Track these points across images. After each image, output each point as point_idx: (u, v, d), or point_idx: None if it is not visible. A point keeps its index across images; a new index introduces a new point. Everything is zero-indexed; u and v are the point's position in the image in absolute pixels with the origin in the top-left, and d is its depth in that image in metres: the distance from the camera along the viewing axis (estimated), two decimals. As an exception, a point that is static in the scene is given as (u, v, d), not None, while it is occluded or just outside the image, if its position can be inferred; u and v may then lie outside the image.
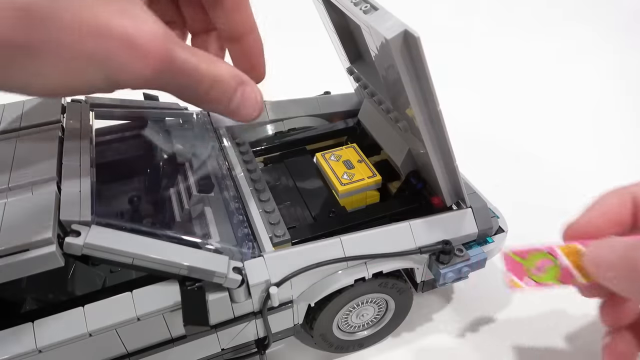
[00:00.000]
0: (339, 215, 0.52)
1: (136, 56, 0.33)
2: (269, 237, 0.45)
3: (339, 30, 0.55)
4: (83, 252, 0.36)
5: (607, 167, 0.80)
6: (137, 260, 0.38)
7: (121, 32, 0.32)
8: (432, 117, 0.41)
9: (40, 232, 0.35)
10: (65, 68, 0.32)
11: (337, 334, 0.51)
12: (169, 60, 0.35)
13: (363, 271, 0.45)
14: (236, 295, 0.41)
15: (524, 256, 0.43)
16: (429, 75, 0.38)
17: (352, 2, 0.40)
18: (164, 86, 0.37)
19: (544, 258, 0.42)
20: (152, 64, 0.34)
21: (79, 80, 0.33)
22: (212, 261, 0.40)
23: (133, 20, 0.33)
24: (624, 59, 1.09)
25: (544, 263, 0.42)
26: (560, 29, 1.21)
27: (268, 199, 0.50)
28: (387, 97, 0.52)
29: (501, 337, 0.56)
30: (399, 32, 0.35)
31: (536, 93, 0.99)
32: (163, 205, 0.50)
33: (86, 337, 0.38)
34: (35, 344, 0.37)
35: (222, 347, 0.46)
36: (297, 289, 0.44)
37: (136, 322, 0.39)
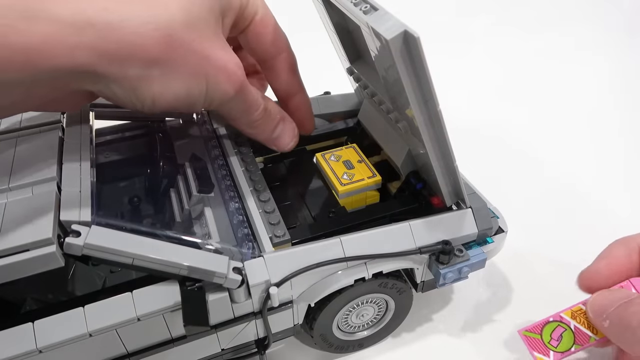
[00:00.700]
0: (339, 216, 0.52)
1: (227, 78, 0.44)
2: (269, 237, 0.45)
3: (338, 31, 0.55)
4: (83, 253, 0.37)
5: (608, 167, 0.80)
6: (137, 260, 0.38)
7: (221, 60, 0.43)
8: (432, 117, 0.41)
9: (41, 233, 0.35)
10: (184, 82, 0.41)
11: (337, 334, 0.51)
12: (244, 85, 0.46)
13: (363, 271, 0.45)
14: (236, 296, 0.41)
15: (538, 331, 0.46)
16: (429, 76, 0.38)
17: (352, 3, 0.40)
18: (233, 107, 0.48)
19: (557, 327, 0.46)
20: (235, 86, 0.45)
21: (189, 94, 0.42)
22: (212, 261, 0.40)
23: (227, 54, 0.44)
24: (625, 58, 1.09)
25: (558, 331, 0.45)
26: (561, 29, 1.21)
27: (268, 199, 0.50)
28: (387, 97, 0.52)
29: (501, 338, 0.56)
30: (398, 33, 0.35)
31: (536, 93, 0.99)
32: (163, 205, 0.50)
33: (86, 338, 0.38)
34: (35, 344, 0.37)
35: (222, 347, 0.46)
36: (297, 289, 0.44)
37: (136, 322, 0.39)
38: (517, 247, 0.63)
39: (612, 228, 0.69)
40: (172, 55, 0.39)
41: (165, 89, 0.40)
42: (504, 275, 0.63)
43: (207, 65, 0.42)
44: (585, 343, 0.45)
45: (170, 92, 0.41)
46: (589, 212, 0.72)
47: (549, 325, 0.46)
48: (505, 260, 0.62)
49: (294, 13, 1.20)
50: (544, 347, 0.45)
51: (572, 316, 0.46)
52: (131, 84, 0.39)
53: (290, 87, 0.56)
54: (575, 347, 0.45)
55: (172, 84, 0.41)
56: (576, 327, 0.45)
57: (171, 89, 0.41)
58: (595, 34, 1.18)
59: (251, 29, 0.50)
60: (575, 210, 0.72)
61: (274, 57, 0.53)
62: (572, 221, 0.70)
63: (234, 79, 0.44)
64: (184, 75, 0.41)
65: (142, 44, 0.37)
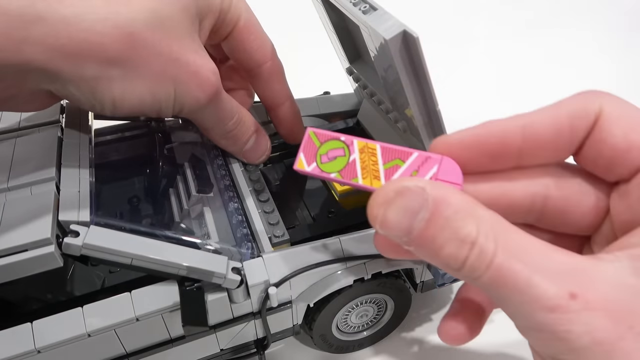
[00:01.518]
0: (338, 216, 0.52)
1: (199, 84, 0.42)
2: (268, 237, 0.45)
3: (338, 31, 0.55)
4: (82, 253, 0.37)
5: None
6: (136, 260, 0.38)
7: (193, 65, 0.41)
8: (431, 117, 0.41)
9: (39, 233, 0.35)
10: (149, 85, 0.39)
11: (337, 334, 0.51)
12: (217, 92, 0.44)
13: (362, 271, 0.45)
14: (235, 296, 0.41)
15: (322, 140, 0.38)
16: (428, 76, 0.38)
17: (351, 2, 0.40)
18: (205, 115, 0.46)
19: (339, 148, 0.37)
20: (207, 93, 0.43)
21: (155, 98, 0.40)
22: (211, 261, 0.40)
23: (201, 58, 0.42)
24: (625, 59, 1.09)
25: (336, 153, 0.37)
26: (561, 30, 1.21)
27: (267, 199, 0.50)
28: (387, 97, 0.52)
29: (500, 337, 0.56)
30: (398, 33, 0.35)
31: (536, 93, 0.99)
32: (162, 205, 0.50)
33: (85, 338, 0.38)
34: (34, 344, 0.37)
35: (221, 347, 0.46)
36: (296, 289, 0.44)
37: (135, 322, 0.39)
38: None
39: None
40: (134, 55, 0.37)
41: (126, 91, 0.38)
42: (503, 275, 0.63)
43: (175, 69, 0.40)
44: (347, 179, 0.37)
45: (133, 95, 0.39)
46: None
47: (334, 141, 0.38)
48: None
49: (293, 13, 1.20)
50: (314, 156, 0.38)
51: (361, 150, 0.37)
52: (89, 85, 0.37)
53: (277, 96, 0.54)
54: (336, 175, 0.37)
55: (134, 87, 0.39)
56: (353, 160, 0.37)
57: (134, 91, 0.39)
58: (596, 34, 1.18)
59: (234, 35, 0.48)
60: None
61: (259, 65, 0.51)
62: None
63: (207, 85, 0.42)
64: (148, 78, 0.39)
65: (99, 42, 0.35)
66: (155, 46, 0.38)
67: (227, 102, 0.47)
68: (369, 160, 0.36)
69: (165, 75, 0.39)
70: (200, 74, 0.41)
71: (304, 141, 0.38)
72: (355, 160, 0.37)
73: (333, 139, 0.37)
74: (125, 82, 0.38)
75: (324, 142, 0.38)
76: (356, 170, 0.36)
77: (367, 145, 0.36)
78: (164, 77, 0.39)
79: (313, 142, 0.38)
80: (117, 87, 0.38)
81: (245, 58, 0.51)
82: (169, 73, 0.39)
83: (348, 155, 0.37)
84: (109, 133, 0.56)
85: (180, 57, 0.40)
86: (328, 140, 0.38)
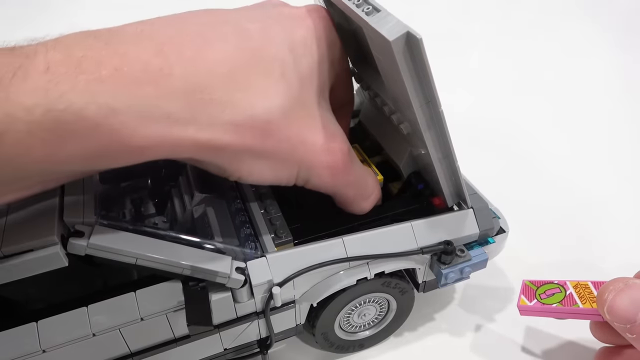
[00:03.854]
0: (341, 216, 0.52)
1: (327, 168, 0.42)
2: (272, 237, 0.45)
3: (340, 32, 0.55)
4: (87, 253, 0.37)
5: (608, 167, 0.81)
6: (141, 260, 0.38)
7: (319, 145, 0.41)
8: (434, 118, 0.42)
9: (44, 233, 0.35)
10: (273, 166, 0.40)
11: (339, 333, 0.51)
12: (347, 174, 0.44)
13: (365, 271, 0.45)
14: (239, 296, 0.42)
15: (538, 285, 0.49)
16: (431, 77, 0.38)
17: (354, 4, 0.40)
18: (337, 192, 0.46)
19: (555, 288, 0.48)
20: (335, 176, 0.43)
21: (280, 176, 0.41)
22: (214, 261, 0.40)
23: (328, 135, 0.41)
24: (625, 59, 1.09)
25: (553, 291, 0.47)
26: (561, 30, 1.21)
27: (270, 199, 0.50)
28: (389, 98, 0.52)
29: (503, 337, 0.56)
30: (401, 34, 0.35)
31: (538, 94, 0.99)
32: (165, 205, 0.50)
33: (89, 337, 0.38)
34: (39, 343, 0.37)
35: (224, 347, 0.46)
36: (299, 289, 0.44)
37: (139, 322, 0.39)
38: (518, 247, 0.63)
39: (613, 230, 0.69)
40: (265, 143, 0.37)
41: (253, 171, 0.39)
42: (505, 275, 0.63)
43: (301, 151, 0.40)
44: (568, 306, 0.46)
45: (257, 174, 0.40)
46: (590, 213, 0.72)
47: (550, 284, 0.48)
48: (506, 260, 0.62)
49: (295, 13, 1.20)
50: (533, 295, 0.48)
51: (575, 286, 0.47)
52: (221, 166, 0.38)
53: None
54: (557, 304, 0.46)
55: (260, 168, 0.39)
56: (570, 294, 0.46)
57: (260, 171, 0.40)
58: (596, 34, 1.18)
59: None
60: (576, 211, 0.72)
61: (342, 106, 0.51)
62: (573, 222, 0.71)
63: (335, 168, 0.42)
64: (273, 160, 0.39)
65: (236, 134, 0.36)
66: (285, 132, 0.38)
67: (359, 181, 0.46)
68: (584, 291, 0.46)
69: (289, 159, 0.40)
70: (325, 154, 0.41)
71: (522, 288, 0.50)
72: (571, 294, 0.46)
73: (547, 282, 0.49)
74: (253, 165, 0.39)
75: (539, 286, 0.49)
76: (575, 299, 0.46)
77: (579, 283, 0.47)
78: (288, 161, 0.40)
79: (530, 287, 0.49)
80: (246, 168, 0.39)
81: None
82: (293, 156, 0.40)
83: (564, 291, 0.47)
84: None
85: (307, 138, 0.40)
86: (543, 285, 0.49)
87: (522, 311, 0.48)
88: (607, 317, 0.42)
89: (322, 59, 0.42)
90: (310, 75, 0.40)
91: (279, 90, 0.37)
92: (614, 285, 0.42)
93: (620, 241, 0.67)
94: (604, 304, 0.42)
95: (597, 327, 0.48)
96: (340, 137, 0.43)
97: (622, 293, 0.41)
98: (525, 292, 0.49)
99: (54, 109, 0.28)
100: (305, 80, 0.40)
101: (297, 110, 0.39)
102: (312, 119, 0.40)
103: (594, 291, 0.46)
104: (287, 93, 0.38)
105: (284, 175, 0.42)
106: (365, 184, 0.48)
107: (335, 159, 0.42)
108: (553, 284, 0.49)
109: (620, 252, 0.65)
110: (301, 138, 0.39)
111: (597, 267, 0.64)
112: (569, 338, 0.55)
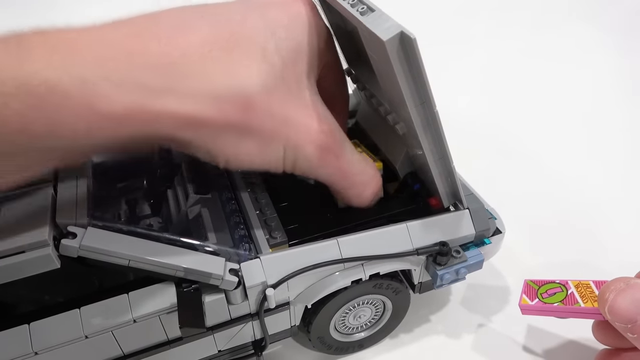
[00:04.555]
0: (336, 217, 0.52)
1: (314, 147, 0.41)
2: (266, 238, 0.45)
3: (336, 32, 0.55)
4: (79, 254, 0.36)
5: (606, 167, 0.80)
6: (133, 262, 0.38)
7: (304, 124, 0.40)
8: (429, 119, 0.41)
9: (36, 234, 0.35)
10: (259, 146, 0.39)
11: (335, 335, 0.51)
12: (337, 157, 0.43)
13: (360, 273, 0.45)
14: (233, 297, 0.41)
15: (539, 284, 0.50)
16: (425, 77, 0.37)
17: (349, 4, 0.40)
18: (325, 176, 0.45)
19: (556, 287, 0.48)
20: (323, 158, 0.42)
21: (267, 158, 0.41)
22: (208, 263, 0.39)
23: (313, 116, 0.41)
24: (625, 59, 1.09)
25: (555, 290, 0.48)
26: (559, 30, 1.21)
27: (265, 200, 0.50)
28: (385, 98, 0.52)
29: (499, 338, 0.56)
30: (395, 34, 0.35)
31: (535, 94, 0.99)
32: (160, 207, 0.50)
33: (82, 339, 0.38)
34: (31, 346, 0.37)
35: (218, 348, 0.46)
36: (294, 290, 0.44)
37: (132, 324, 0.39)
38: (515, 248, 0.63)
39: (610, 230, 0.69)
40: (247, 119, 0.37)
41: (239, 152, 0.39)
42: (501, 276, 0.63)
43: (285, 129, 0.39)
44: (570, 304, 0.46)
45: (243, 155, 0.40)
46: (587, 213, 0.72)
47: (552, 284, 0.49)
48: (502, 261, 0.62)
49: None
50: (534, 295, 0.48)
51: (576, 286, 0.47)
52: (204, 147, 0.38)
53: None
54: (559, 303, 0.46)
55: (247, 148, 0.39)
56: (572, 293, 0.47)
57: (246, 152, 0.39)
58: (595, 34, 1.18)
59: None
60: (572, 211, 0.72)
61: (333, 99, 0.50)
62: (570, 222, 0.70)
63: (318, 144, 0.41)
64: (259, 139, 0.39)
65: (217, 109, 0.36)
66: (268, 109, 0.38)
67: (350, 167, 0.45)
68: (586, 291, 0.46)
69: (275, 137, 0.39)
70: (311, 133, 0.41)
71: (524, 287, 0.50)
72: (573, 293, 0.47)
73: (549, 282, 0.49)
74: (238, 144, 0.39)
75: (541, 285, 0.49)
76: (576, 298, 0.46)
77: (580, 282, 0.48)
78: (273, 139, 0.39)
79: (531, 287, 0.50)
80: (231, 148, 0.39)
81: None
82: (279, 134, 0.39)
83: (566, 290, 0.47)
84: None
85: (291, 116, 0.39)
86: (545, 284, 0.49)
87: (523, 310, 0.48)
88: (608, 317, 0.42)
89: (307, 45, 0.42)
90: (294, 58, 0.40)
91: (261, 68, 0.37)
92: (615, 285, 0.43)
93: (620, 241, 0.67)
94: (605, 303, 0.42)
95: (598, 328, 0.48)
96: (328, 120, 0.42)
97: (623, 293, 0.41)
98: (526, 292, 0.49)
99: (27, 83, 0.29)
100: (289, 63, 0.39)
101: (280, 88, 0.38)
102: (296, 99, 0.40)
103: (595, 290, 0.46)
104: (269, 72, 0.38)
105: (271, 157, 0.41)
106: (362, 171, 0.47)
107: (322, 138, 0.41)
108: (555, 283, 0.49)
109: (620, 253, 0.65)
110: (285, 115, 0.39)
111: (597, 268, 0.63)
112: (569, 338, 0.55)
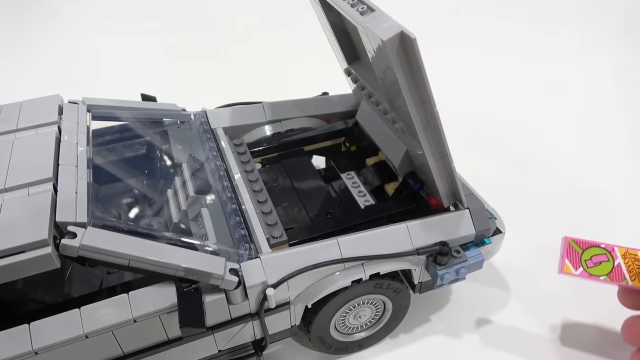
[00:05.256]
0: (336, 217, 0.52)
1: None
2: (266, 238, 0.45)
3: (336, 31, 0.55)
4: (79, 254, 0.36)
5: (607, 167, 0.80)
6: (134, 262, 0.38)
7: None
8: (429, 118, 0.41)
9: (36, 234, 0.35)
10: None
11: (335, 335, 0.51)
12: None
13: (360, 272, 0.45)
14: (233, 297, 0.41)
15: (583, 247, 0.45)
16: (425, 77, 0.37)
17: (348, 4, 0.40)
18: None
19: (602, 254, 0.44)
20: None
21: None
22: (208, 263, 0.40)
23: None
24: (624, 59, 1.09)
25: (600, 259, 0.44)
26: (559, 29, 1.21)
27: (265, 200, 0.50)
28: (385, 98, 0.52)
29: (499, 338, 0.56)
30: (395, 34, 0.35)
31: (535, 93, 0.99)
32: (160, 206, 0.50)
33: (82, 339, 0.38)
34: (31, 345, 0.37)
35: (219, 348, 0.46)
36: (294, 290, 0.44)
37: (133, 323, 0.39)
38: (515, 248, 0.63)
39: (612, 229, 0.69)
40: None
41: None
42: (501, 276, 0.63)
43: None
44: (616, 281, 0.43)
45: None
46: (591, 213, 0.72)
47: (596, 248, 0.45)
48: (502, 261, 0.62)
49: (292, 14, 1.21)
50: (578, 261, 0.44)
51: (624, 255, 0.44)
52: None
53: None
54: (605, 277, 0.43)
55: None
56: (619, 265, 0.43)
57: None
58: (595, 34, 1.18)
59: None
60: (573, 211, 0.72)
61: None
62: (571, 221, 0.70)
63: None
64: None
65: None
66: None
67: None
68: (633, 264, 0.43)
69: None
70: None
71: (565, 248, 0.44)
72: (620, 265, 0.43)
73: (594, 246, 0.44)
74: None
75: (585, 249, 0.44)
76: (623, 273, 0.43)
77: (628, 251, 0.44)
78: None
79: (574, 249, 0.45)
80: None
81: None
82: None
83: (612, 260, 0.43)
84: (107, 134, 0.56)
85: None
86: (589, 248, 0.44)
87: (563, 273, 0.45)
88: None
89: None
90: None
91: None
92: None
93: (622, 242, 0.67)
94: None
95: (625, 293, 0.46)
96: None
97: None
98: (569, 255, 0.44)
99: None
100: None
101: None
102: None
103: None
104: None
105: None
106: None
107: None
108: (600, 247, 0.44)
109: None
110: None
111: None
112: (568, 339, 0.55)
